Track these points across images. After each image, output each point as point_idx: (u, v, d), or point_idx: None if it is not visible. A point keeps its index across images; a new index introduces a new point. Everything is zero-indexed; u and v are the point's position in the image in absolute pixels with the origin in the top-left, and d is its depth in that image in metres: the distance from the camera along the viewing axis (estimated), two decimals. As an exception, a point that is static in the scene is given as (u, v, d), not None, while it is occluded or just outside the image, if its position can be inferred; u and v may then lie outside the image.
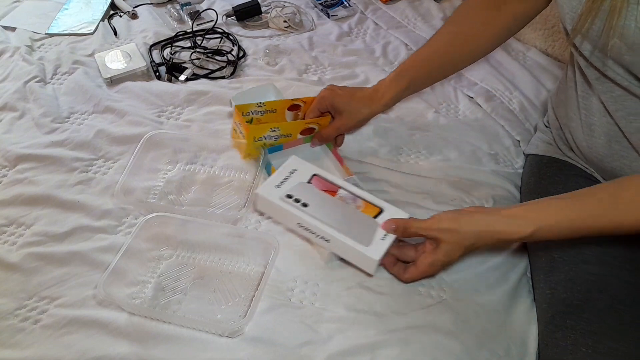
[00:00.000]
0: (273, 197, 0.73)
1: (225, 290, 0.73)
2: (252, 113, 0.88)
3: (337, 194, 0.75)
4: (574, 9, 0.62)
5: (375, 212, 0.73)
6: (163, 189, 0.86)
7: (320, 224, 0.70)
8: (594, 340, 0.62)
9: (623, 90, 0.64)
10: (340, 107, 0.82)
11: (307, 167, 0.78)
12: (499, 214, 0.64)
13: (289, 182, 0.76)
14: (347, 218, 0.71)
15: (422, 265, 0.67)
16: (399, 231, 0.69)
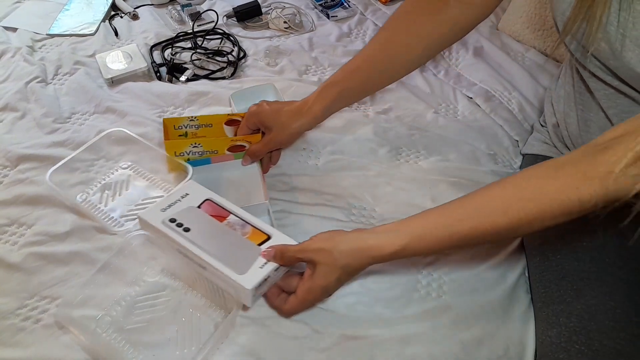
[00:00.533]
0: (154, 220, 0.70)
1: (186, 332, 0.68)
2: (184, 127, 0.88)
3: (226, 219, 0.72)
4: (563, 12, 0.63)
5: (261, 238, 0.69)
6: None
7: (197, 250, 0.67)
8: (587, 337, 0.62)
9: (614, 89, 0.65)
10: (268, 123, 0.80)
11: (201, 191, 0.76)
12: (373, 231, 0.62)
13: (177, 206, 0.73)
14: (228, 245, 0.68)
15: (300, 292, 0.64)
16: (277, 257, 0.65)
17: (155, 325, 0.69)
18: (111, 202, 0.84)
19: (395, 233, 0.60)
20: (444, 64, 1.15)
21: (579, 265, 0.69)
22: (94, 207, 0.83)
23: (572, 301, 0.66)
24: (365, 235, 0.62)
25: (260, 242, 0.68)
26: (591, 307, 0.64)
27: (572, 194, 0.53)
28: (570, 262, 0.70)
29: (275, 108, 0.80)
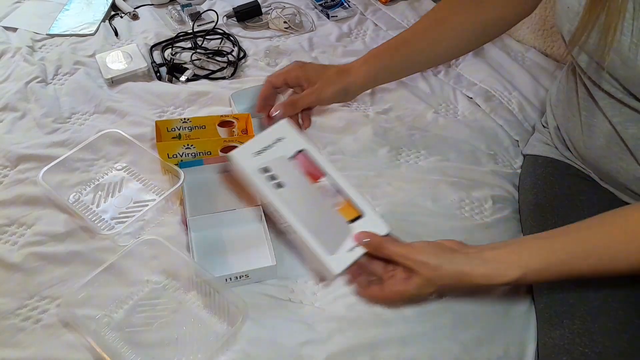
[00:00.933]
0: (247, 166, 0.64)
1: (187, 341, 0.68)
2: (177, 129, 0.88)
3: (319, 181, 0.65)
4: (571, 21, 0.62)
5: (353, 215, 0.65)
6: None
7: (288, 214, 0.62)
8: (590, 339, 0.62)
9: (616, 99, 0.65)
10: (313, 77, 0.76)
11: (296, 138, 0.68)
12: (481, 257, 0.58)
13: (271, 152, 0.66)
14: (320, 215, 0.63)
15: (388, 290, 0.62)
16: (371, 247, 0.62)
17: (156, 326, 0.69)
18: (103, 203, 0.84)
19: (508, 265, 0.57)
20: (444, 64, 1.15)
21: None
22: (86, 208, 0.83)
23: (576, 303, 0.66)
24: (475, 261, 0.58)
25: (351, 219, 0.64)
26: (594, 309, 0.64)
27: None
28: None
29: (320, 64, 0.79)
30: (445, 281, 0.59)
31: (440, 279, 0.58)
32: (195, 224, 0.78)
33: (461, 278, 0.58)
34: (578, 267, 0.56)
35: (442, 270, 0.58)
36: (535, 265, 0.56)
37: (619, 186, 0.75)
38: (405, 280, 0.60)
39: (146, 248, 0.73)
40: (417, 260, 0.59)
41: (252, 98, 1.01)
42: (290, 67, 0.79)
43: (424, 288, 0.59)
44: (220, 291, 0.68)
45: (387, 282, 0.62)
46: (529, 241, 0.60)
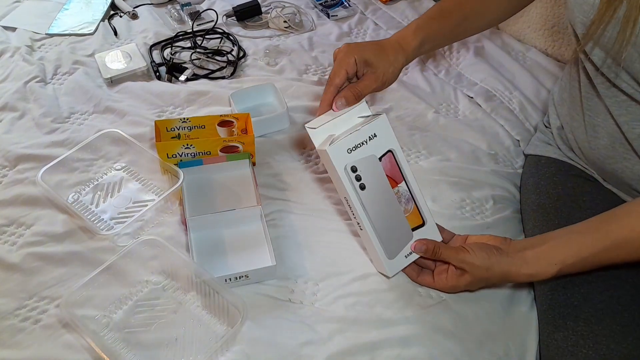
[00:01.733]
0: (338, 160, 0.66)
1: (186, 342, 0.67)
2: (177, 129, 0.88)
3: (398, 186, 0.71)
4: (585, 14, 0.60)
5: (417, 223, 0.72)
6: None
7: (363, 213, 0.68)
8: (594, 341, 0.62)
9: (627, 96, 0.64)
10: (372, 59, 0.70)
11: (388, 137, 0.69)
12: (523, 258, 0.64)
13: (362, 150, 0.67)
14: (390, 220, 0.70)
15: (441, 282, 0.70)
16: (428, 254, 0.69)
17: (155, 327, 0.69)
18: (102, 203, 0.84)
19: (547, 262, 0.62)
20: (445, 63, 1.15)
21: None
22: (85, 208, 0.83)
23: (579, 305, 0.66)
24: (518, 262, 0.64)
25: (414, 227, 0.72)
26: (598, 311, 0.64)
27: None
28: None
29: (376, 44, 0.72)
30: (493, 281, 0.66)
31: (488, 280, 0.66)
32: (195, 224, 0.78)
33: (507, 277, 0.65)
34: (608, 257, 0.61)
35: (490, 272, 0.64)
36: (570, 260, 0.61)
37: (623, 186, 0.74)
38: (458, 276, 0.67)
39: (145, 248, 0.73)
40: (472, 263, 0.65)
41: (252, 98, 1.01)
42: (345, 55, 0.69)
43: (473, 285, 0.68)
44: (219, 291, 0.68)
45: (440, 276, 0.70)
46: (563, 237, 0.63)
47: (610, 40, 0.58)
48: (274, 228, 0.80)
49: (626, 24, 0.55)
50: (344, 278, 0.75)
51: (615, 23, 0.57)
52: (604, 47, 0.61)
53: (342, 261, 0.77)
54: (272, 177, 0.89)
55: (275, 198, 0.85)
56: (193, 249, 0.75)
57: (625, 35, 0.56)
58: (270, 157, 0.92)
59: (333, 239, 0.80)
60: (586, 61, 0.67)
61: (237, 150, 0.87)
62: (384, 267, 0.71)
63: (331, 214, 0.83)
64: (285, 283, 0.74)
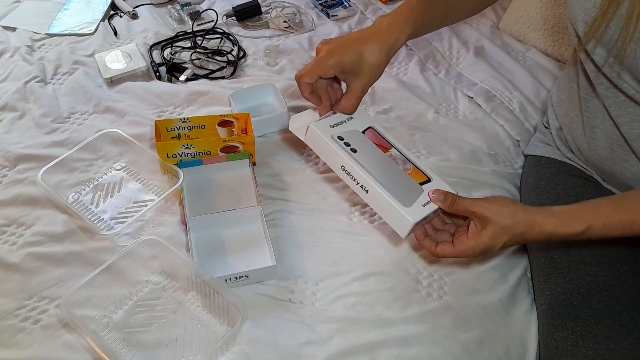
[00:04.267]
0: (325, 133, 0.68)
1: (186, 342, 0.67)
2: (177, 129, 0.88)
3: (389, 151, 0.70)
4: (587, 11, 0.60)
5: (422, 179, 0.68)
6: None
7: (364, 173, 0.66)
8: (594, 341, 0.62)
9: (627, 97, 0.64)
10: (354, 68, 0.65)
11: (364, 117, 0.73)
12: (550, 210, 0.61)
13: (344, 126, 0.70)
14: (393, 175, 0.67)
15: (461, 244, 0.63)
16: (447, 203, 0.63)
17: (155, 327, 0.69)
18: (102, 203, 0.84)
19: (576, 218, 0.60)
20: (445, 63, 1.15)
21: (586, 268, 0.68)
22: (85, 208, 0.83)
23: (579, 305, 0.66)
24: (545, 212, 0.61)
25: (420, 182, 0.68)
26: (598, 311, 0.64)
27: None
28: (577, 265, 0.69)
29: (357, 44, 0.65)
30: (519, 229, 0.60)
31: (513, 226, 0.60)
32: (195, 224, 0.78)
33: (532, 226, 0.60)
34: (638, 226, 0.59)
35: (516, 218, 0.60)
36: (601, 221, 0.59)
37: (622, 187, 0.74)
38: (480, 231, 0.61)
39: (145, 248, 0.73)
40: (493, 209, 0.60)
41: (252, 98, 1.01)
42: (320, 59, 0.65)
43: (499, 237, 0.61)
44: (219, 291, 0.68)
45: (460, 239, 0.63)
46: (594, 201, 0.62)
47: (612, 38, 0.58)
48: (274, 228, 0.80)
49: (629, 20, 0.55)
50: (344, 278, 0.75)
51: (617, 20, 0.57)
52: (606, 46, 0.60)
53: (342, 261, 0.77)
54: (272, 177, 0.89)
55: (275, 198, 0.85)
56: (193, 249, 0.75)
57: (628, 32, 0.56)
58: (270, 157, 0.92)
59: (333, 239, 0.80)
60: (587, 61, 0.66)
61: (237, 150, 0.87)
62: (403, 215, 0.63)
63: (331, 214, 0.83)
64: (285, 283, 0.74)
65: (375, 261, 0.77)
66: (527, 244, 0.79)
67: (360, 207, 0.84)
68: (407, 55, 1.16)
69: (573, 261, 0.70)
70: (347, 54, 0.65)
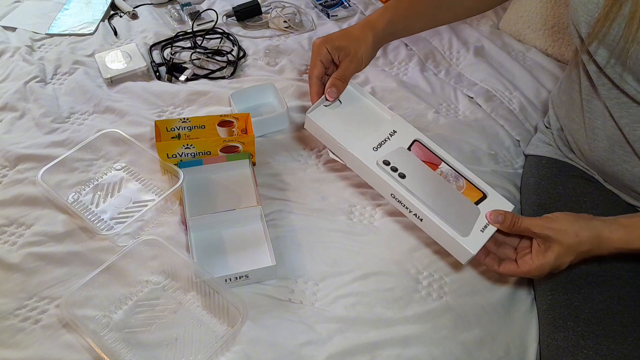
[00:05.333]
0: (369, 160, 0.65)
1: (186, 342, 0.67)
2: (177, 129, 0.88)
3: (439, 168, 0.67)
4: (590, 12, 0.60)
5: (477, 196, 0.66)
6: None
7: (416, 201, 0.63)
8: (595, 341, 0.62)
9: (629, 98, 0.64)
10: (342, 43, 0.72)
11: (408, 129, 0.70)
12: (618, 223, 0.59)
13: (388, 146, 0.67)
14: (447, 199, 0.64)
15: (526, 265, 0.61)
16: (506, 224, 0.62)
17: (155, 327, 0.69)
18: (102, 203, 0.84)
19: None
20: (445, 63, 1.14)
21: (587, 268, 0.68)
22: (85, 208, 0.83)
23: (580, 305, 0.66)
24: (613, 226, 0.59)
25: (476, 201, 0.65)
26: (599, 312, 0.64)
27: None
28: (578, 265, 0.69)
29: (343, 30, 0.74)
30: (585, 247, 0.58)
31: (579, 245, 0.58)
32: (195, 224, 0.78)
33: (600, 243, 0.58)
34: None
35: (581, 236, 0.58)
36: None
37: (623, 188, 0.74)
38: (545, 252, 0.60)
39: (145, 248, 0.73)
40: (556, 228, 0.58)
41: (252, 98, 1.01)
42: (317, 48, 0.72)
43: (564, 257, 0.59)
44: (219, 291, 0.68)
45: (524, 259, 0.61)
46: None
47: (615, 39, 0.58)
48: (274, 228, 0.80)
49: (632, 20, 0.55)
50: (344, 278, 0.75)
51: (620, 20, 0.57)
52: (609, 46, 0.60)
53: (342, 261, 0.77)
54: (272, 177, 0.89)
55: (275, 198, 0.85)
56: (193, 249, 0.75)
57: (631, 32, 0.56)
58: (270, 157, 0.92)
59: (333, 239, 0.80)
60: (589, 62, 0.66)
61: (237, 150, 0.87)
62: (463, 247, 0.62)
63: (331, 214, 0.83)
64: (285, 283, 0.74)
65: (375, 261, 0.77)
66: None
67: (361, 207, 0.84)
68: (407, 55, 1.16)
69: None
70: (337, 36, 0.72)
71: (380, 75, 1.09)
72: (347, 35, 0.73)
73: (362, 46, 0.72)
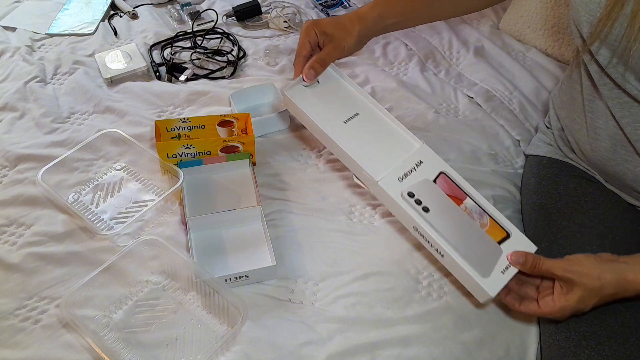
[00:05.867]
0: (392, 191, 0.65)
1: (186, 342, 0.67)
2: (177, 129, 0.88)
3: (463, 203, 0.67)
4: (591, 12, 0.60)
5: (501, 235, 0.65)
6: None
7: (438, 237, 0.63)
8: (596, 342, 0.62)
9: (631, 98, 0.64)
10: (329, 30, 0.76)
11: (435, 161, 0.70)
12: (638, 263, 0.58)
13: (413, 176, 0.67)
14: (469, 237, 0.64)
15: (547, 306, 0.61)
16: (527, 266, 0.61)
17: (155, 327, 0.69)
18: (102, 203, 0.84)
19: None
20: (445, 63, 1.14)
21: None
22: (85, 208, 0.83)
23: None
24: (635, 267, 0.58)
25: (499, 240, 0.65)
26: (601, 312, 0.64)
27: None
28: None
29: (334, 18, 0.78)
30: (609, 290, 0.58)
31: (603, 288, 0.58)
32: (195, 224, 0.78)
33: (625, 285, 0.58)
34: None
35: (604, 280, 0.57)
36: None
37: (624, 188, 0.74)
38: (566, 294, 0.59)
39: (145, 248, 0.73)
40: (578, 271, 0.58)
41: (252, 98, 1.01)
42: (306, 26, 0.76)
43: (587, 300, 0.59)
44: (219, 291, 0.68)
45: (546, 299, 0.61)
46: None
47: (617, 38, 0.58)
48: (274, 228, 0.80)
49: (634, 19, 0.55)
50: (344, 278, 0.75)
51: (622, 20, 0.56)
52: (611, 46, 0.60)
53: (342, 261, 0.77)
54: (272, 177, 0.89)
55: (275, 198, 0.85)
56: (193, 249, 0.75)
57: (633, 31, 0.55)
58: (270, 157, 0.92)
59: (333, 239, 0.80)
60: (591, 62, 0.66)
61: (237, 150, 0.87)
62: (482, 288, 0.62)
63: (331, 214, 0.83)
64: (285, 283, 0.74)
65: (375, 261, 0.77)
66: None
67: (361, 207, 0.84)
68: (407, 55, 1.16)
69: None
70: (325, 21, 0.77)
71: (380, 75, 1.09)
72: (335, 24, 0.77)
73: (347, 37, 0.76)
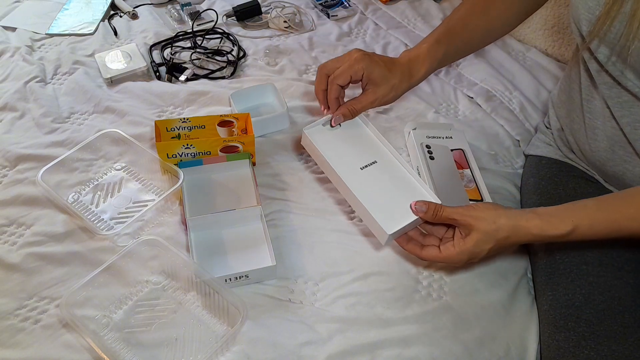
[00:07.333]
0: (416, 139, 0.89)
1: (186, 342, 0.67)
2: (177, 129, 0.88)
3: (463, 170, 0.85)
4: (591, 10, 0.60)
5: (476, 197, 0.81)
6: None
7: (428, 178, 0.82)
8: (596, 342, 0.62)
9: (631, 96, 0.64)
10: (378, 79, 0.69)
11: (462, 142, 0.91)
12: (535, 212, 0.61)
13: (438, 142, 0.89)
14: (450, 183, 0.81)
15: (447, 250, 0.63)
16: (430, 214, 0.63)
17: (155, 327, 0.69)
18: (102, 203, 0.84)
19: (561, 219, 0.59)
20: (445, 63, 1.14)
21: (588, 269, 0.68)
22: (85, 208, 0.83)
23: (581, 305, 0.66)
24: (528, 215, 0.61)
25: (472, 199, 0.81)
26: (600, 312, 0.64)
27: None
28: (579, 266, 0.69)
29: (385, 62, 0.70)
30: (503, 234, 0.60)
31: (497, 231, 0.60)
32: (195, 224, 0.78)
33: (517, 230, 0.60)
34: (628, 226, 0.58)
35: (499, 223, 0.60)
36: (587, 221, 0.59)
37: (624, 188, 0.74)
38: (464, 237, 0.62)
39: (145, 248, 0.73)
40: (475, 215, 0.61)
41: (252, 98, 1.01)
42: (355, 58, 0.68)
43: (482, 243, 0.61)
44: (219, 291, 0.68)
45: (446, 244, 0.64)
46: (580, 202, 0.61)
47: (616, 36, 0.58)
48: (274, 228, 0.80)
49: (633, 17, 0.55)
50: (344, 278, 0.75)
51: (621, 18, 0.57)
52: (610, 44, 0.60)
53: (342, 261, 0.77)
54: (272, 177, 0.89)
55: (275, 198, 0.85)
56: (193, 249, 0.75)
57: (632, 29, 0.56)
58: (270, 157, 0.92)
59: (333, 239, 0.80)
60: (590, 60, 0.66)
61: (237, 150, 0.87)
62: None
63: (331, 214, 0.83)
64: (285, 283, 0.74)
65: (375, 261, 0.77)
66: (527, 245, 0.79)
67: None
68: (407, 55, 1.16)
69: (575, 262, 0.70)
70: (379, 64, 0.69)
71: (380, 75, 1.09)
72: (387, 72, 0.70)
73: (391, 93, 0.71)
